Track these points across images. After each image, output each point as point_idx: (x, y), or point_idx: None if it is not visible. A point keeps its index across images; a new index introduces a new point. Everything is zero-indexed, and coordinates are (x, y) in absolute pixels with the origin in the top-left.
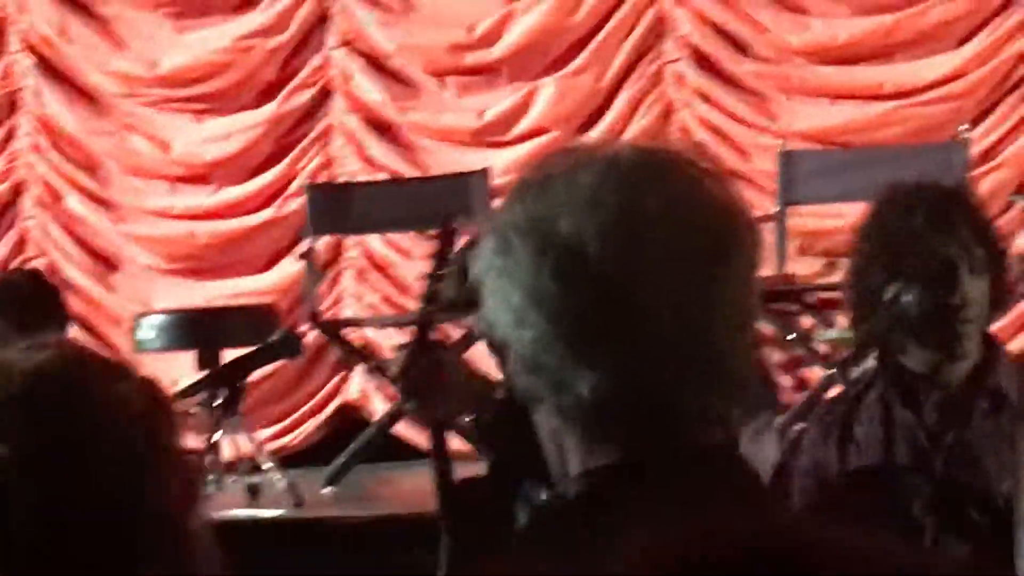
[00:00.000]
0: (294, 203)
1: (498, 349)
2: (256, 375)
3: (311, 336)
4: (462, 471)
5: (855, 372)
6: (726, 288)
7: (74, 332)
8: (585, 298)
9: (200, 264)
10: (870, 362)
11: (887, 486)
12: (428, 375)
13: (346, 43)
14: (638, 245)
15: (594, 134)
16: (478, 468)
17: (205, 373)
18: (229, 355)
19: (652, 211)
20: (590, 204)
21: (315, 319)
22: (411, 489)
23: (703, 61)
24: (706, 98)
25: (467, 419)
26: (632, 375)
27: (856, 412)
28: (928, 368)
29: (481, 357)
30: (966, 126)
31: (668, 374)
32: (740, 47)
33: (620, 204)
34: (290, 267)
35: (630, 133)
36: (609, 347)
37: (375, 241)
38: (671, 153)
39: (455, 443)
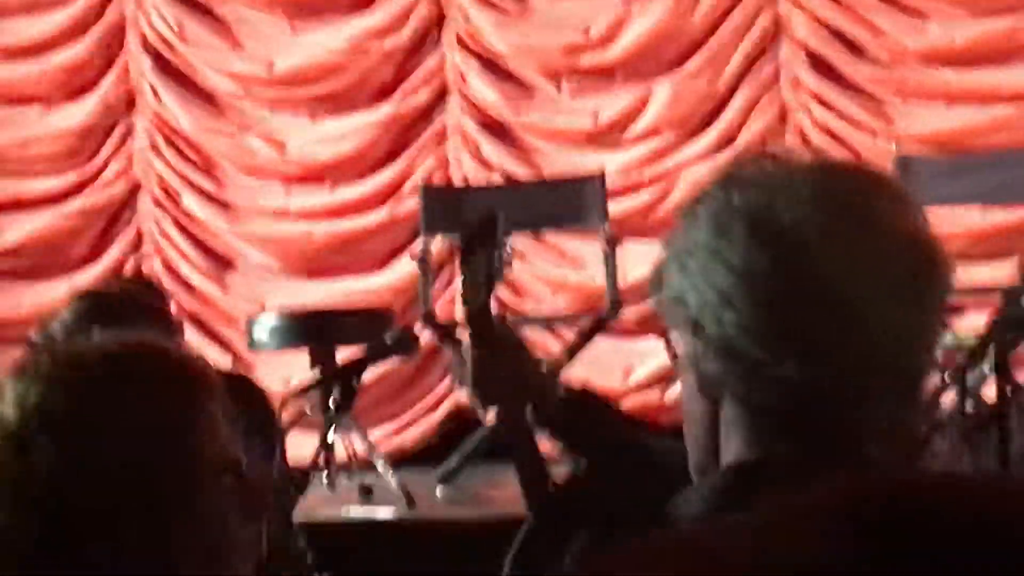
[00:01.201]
0: (409, 203)
1: (683, 329)
2: (370, 375)
3: (424, 337)
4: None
5: (970, 379)
6: (927, 310)
7: (188, 334)
8: (801, 289)
9: (315, 264)
10: (985, 369)
11: None
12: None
13: (461, 44)
14: (857, 248)
15: (710, 137)
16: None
17: (319, 371)
18: (343, 353)
19: (872, 218)
20: (811, 201)
21: (429, 320)
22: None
23: (819, 64)
24: (822, 101)
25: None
26: (829, 375)
27: (1000, 424)
28: None
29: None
30: None
31: (863, 382)
32: (856, 50)
33: (842, 206)
34: (404, 268)
35: (746, 136)
36: (814, 342)
37: None
38: (874, 170)
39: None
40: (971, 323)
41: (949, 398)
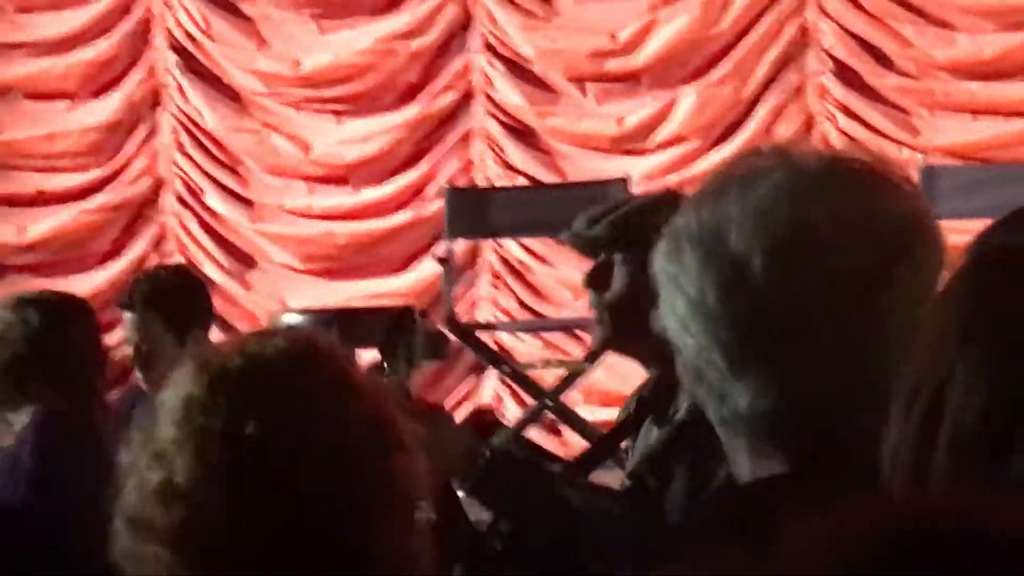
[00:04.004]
0: (432, 206)
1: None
2: None
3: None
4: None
5: None
6: (892, 307)
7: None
8: (745, 314)
9: (337, 264)
10: None
11: None
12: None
13: (488, 47)
14: (803, 265)
15: (734, 145)
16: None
17: None
18: (366, 356)
19: (821, 229)
20: (760, 218)
21: (451, 322)
22: None
23: (846, 74)
24: (848, 111)
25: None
26: (788, 393)
27: None
28: None
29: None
30: None
31: (824, 393)
32: (883, 60)
33: (790, 220)
34: (427, 270)
35: None
36: (766, 364)
37: (512, 246)
38: (852, 162)
39: None
40: None
41: None
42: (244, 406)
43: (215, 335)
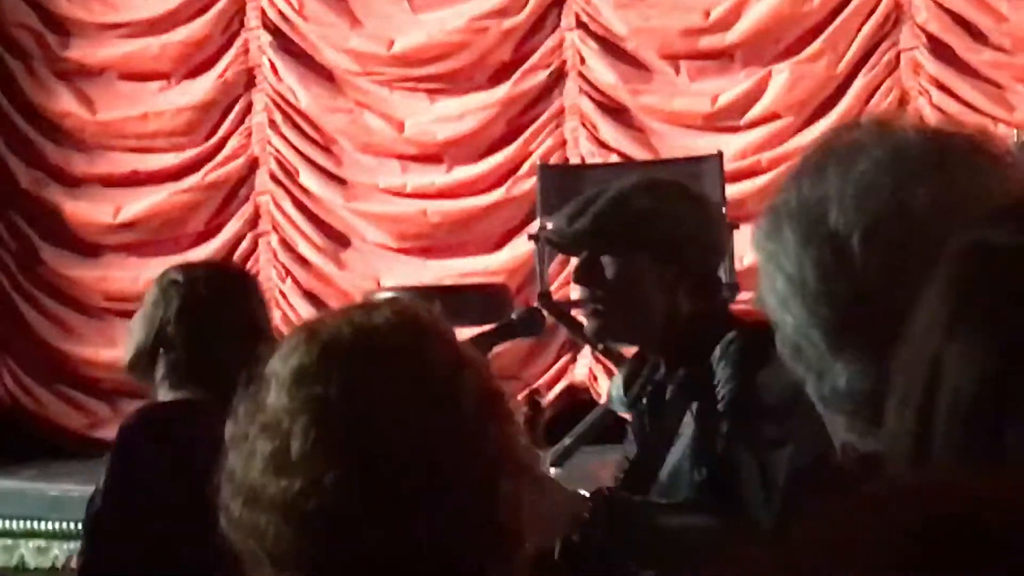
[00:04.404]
0: (526, 184)
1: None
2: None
3: None
4: None
5: None
6: None
7: (304, 310)
8: (844, 292)
9: (430, 243)
10: None
11: None
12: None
13: (580, 25)
14: (903, 244)
15: (828, 121)
16: None
17: None
18: (461, 334)
19: (923, 208)
20: (861, 196)
21: (545, 299)
22: None
23: (940, 49)
24: (942, 87)
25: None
26: (886, 371)
27: None
28: None
29: None
30: None
31: None
32: (978, 35)
33: (891, 198)
34: (521, 247)
35: None
36: (864, 344)
37: None
38: (954, 138)
39: None
40: None
41: None
42: (359, 375)
43: (310, 314)
